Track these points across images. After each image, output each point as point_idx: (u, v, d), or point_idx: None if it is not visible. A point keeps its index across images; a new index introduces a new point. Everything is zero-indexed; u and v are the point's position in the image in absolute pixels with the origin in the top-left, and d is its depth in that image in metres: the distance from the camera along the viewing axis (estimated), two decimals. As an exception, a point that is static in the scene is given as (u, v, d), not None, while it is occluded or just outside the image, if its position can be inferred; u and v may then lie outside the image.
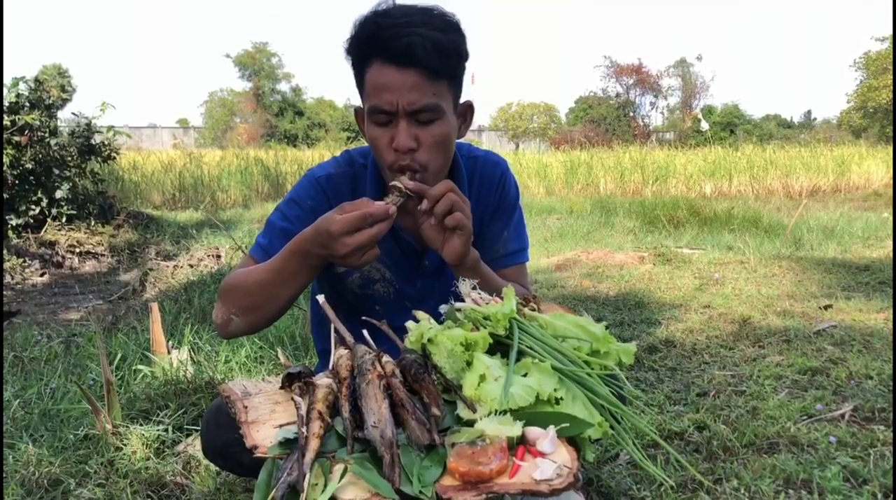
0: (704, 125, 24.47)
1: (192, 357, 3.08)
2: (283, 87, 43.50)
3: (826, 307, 4.09)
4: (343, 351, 1.29)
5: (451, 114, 1.51)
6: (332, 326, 1.37)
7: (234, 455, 1.39)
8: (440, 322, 1.38)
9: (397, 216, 1.55)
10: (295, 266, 1.41)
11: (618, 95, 40.98)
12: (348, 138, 35.89)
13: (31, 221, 7.05)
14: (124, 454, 2.27)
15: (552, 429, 1.10)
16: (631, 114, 40.56)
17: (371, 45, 1.43)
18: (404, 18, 1.42)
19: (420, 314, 1.38)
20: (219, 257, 6.14)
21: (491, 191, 1.75)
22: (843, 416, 2.47)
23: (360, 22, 1.46)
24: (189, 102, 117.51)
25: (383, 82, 1.43)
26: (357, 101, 1.64)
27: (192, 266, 5.90)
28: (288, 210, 1.65)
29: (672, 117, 41.27)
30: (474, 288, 1.46)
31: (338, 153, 1.80)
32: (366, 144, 1.67)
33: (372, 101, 1.45)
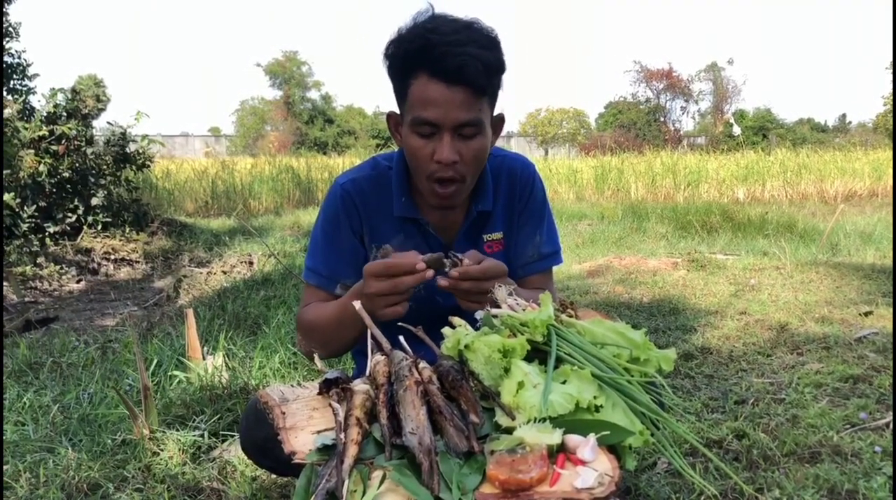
0: (736, 130, 24.17)
1: (226, 363, 3.10)
2: (313, 95, 43.79)
3: (866, 314, 4.00)
4: (380, 357, 1.29)
5: (488, 127, 1.55)
6: (369, 332, 1.36)
7: (272, 451, 1.40)
8: (474, 326, 1.38)
9: (423, 213, 1.64)
10: (352, 313, 1.44)
11: (648, 100, 40.69)
12: (377, 145, 36.05)
13: (68, 228, 7.17)
14: (161, 460, 2.29)
15: (592, 437, 1.08)
16: (661, 119, 40.25)
17: (420, 59, 1.45)
18: (453, 36, 1.44)
19: (457, 320, 1.38)
20: (251, 263, 6.19)
21: (521, 191, 1.78)
22: (887, 425, 2.41)
23: (407, 35, 1.48)
24: (220, 111, 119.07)
25: (431, 97, 1.46)
26: (386, 106, 1.67)
27: (225, 273, 5.95)
28: (326, 227, 1.71)
29: (703, 122, 40.83)
30: (511, 294, 1.45)
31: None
32: (392, 150, 1.72)
33: (417, 112, 1.48)
